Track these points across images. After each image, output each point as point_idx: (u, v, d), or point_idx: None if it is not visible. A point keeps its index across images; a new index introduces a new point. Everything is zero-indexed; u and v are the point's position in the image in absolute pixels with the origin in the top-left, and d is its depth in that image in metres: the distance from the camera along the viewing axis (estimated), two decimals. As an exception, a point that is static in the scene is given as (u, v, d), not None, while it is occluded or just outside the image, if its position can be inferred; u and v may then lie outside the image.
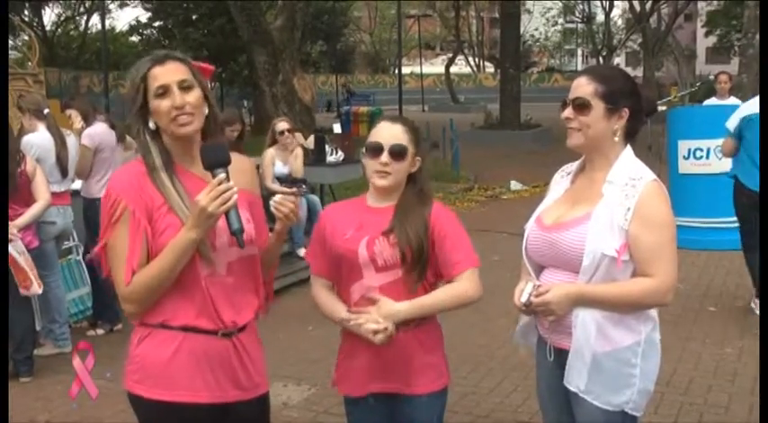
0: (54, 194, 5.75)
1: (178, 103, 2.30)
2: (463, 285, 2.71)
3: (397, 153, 2.71)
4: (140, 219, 2.28)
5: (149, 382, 2.35)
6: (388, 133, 2.73)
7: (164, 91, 2.30)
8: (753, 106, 5.91)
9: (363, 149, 2.78)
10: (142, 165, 2.35)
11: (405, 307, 2.66)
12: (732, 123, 6.04)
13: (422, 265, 2.70)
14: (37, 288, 5.24)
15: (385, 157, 2.70)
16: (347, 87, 38.84)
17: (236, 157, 2.39)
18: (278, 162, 8.18)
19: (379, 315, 2.64)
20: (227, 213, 2.24)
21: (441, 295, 2.73)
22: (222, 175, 2.22)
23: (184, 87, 2.32)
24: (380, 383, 2.75)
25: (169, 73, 2.32)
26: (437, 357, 2.82)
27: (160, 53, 2.39)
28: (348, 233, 2.71)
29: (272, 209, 2.43)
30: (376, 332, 2.62)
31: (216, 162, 2.26)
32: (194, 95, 2.33)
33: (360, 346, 2.73)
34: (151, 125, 2.35)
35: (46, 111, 5.99)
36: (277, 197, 2.44)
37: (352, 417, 2.88)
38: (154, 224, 2.29)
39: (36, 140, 5.85)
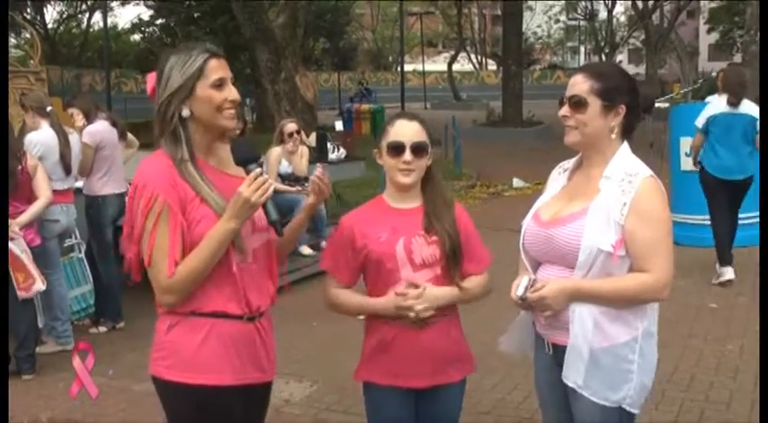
0: (57, 192, 5.77)
1: (235, 97, 2.43)
2: (486, 279, 2.89)
3: (419, 150, 2.78)
4: (177, 212, 2.34)
5: (180, 366, 2.40)
6: (409, 131, 2.80)
7: (221, 83, 2.41)
8: (716, 107, 7.24)
9: (380, 149, 2.84)
10: (165, 157, 2.40)
11: (446, 293, 2.77)
12: (700, 121, 7.29)
13: (459, 261, 2.79)
14: (41, 285, 5.24)
15: (408, 155, 2.77)
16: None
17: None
18: (283, 161, 8.18)
19: (424, 299, 2.72)
20: (264, 204, 2.38)
21: (476, 285, 2.85)
22: (258, 170, 2.37)
23: (233, 84, 2.46)
24: (419, 377, 2.80)
25: (225, 68, 2.45)
26: (463, 344, 2.91)
27: (212, 47, 2.46)
28: (383, 236, 2.78)
29: (312, 180, 2.64)
30: (422, 311, 2.71)
31: (249, 157, 2.42)
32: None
33: (395, 339, 2.78)
34: (185, 113, 2.40)
35: (49, 108, 5.99)
36: (318, 172, 2.64)
37: (377, 405, 2.90)
38: (187, 216, 2.36)
39: (40, 138, 5.85)
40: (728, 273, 7.28)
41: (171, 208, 2.33)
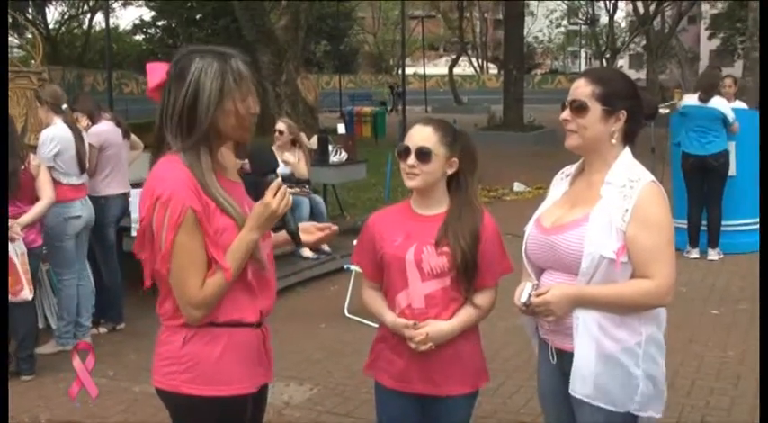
0: (74, 187, 5.81)
1: (256, 110, 2.38)
2: (495, 292, 2.89)
3: (423, 155, 2.77)
4: (207, 224, 2.29)
5: (201, 380, 2.35)
6: (417, 136, 2.81)
7: (248, 95, 2.35)
8: (690, 100, 8.63)
9: (396, 152, 2.87)
10: (181, 164, 2.30)
11: (451, 327, 2.78)
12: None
13: (471, 276, 2.78)
14: (27, 294, 5.17)
15: (411, 159, 2.78)
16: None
17: (225, 153, 2.48)
18: (280, 162, 8.17)
19: (429, 337, 2.74)
20: (284, 214, 2.37)
21: (489, 302, 2.87)
22: (279, 180, 2.34)
23: None
24: (424, 385, 2.82)
25: None
26: (476, 357, 2.91)
27: (244, 56, 2.39)
28: (397, 240, 2.80)
29: (326, 233, 2.66)
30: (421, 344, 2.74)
31: (270, 168, 2.37)
32: None
33: (403, 344, 2.80)
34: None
35: (64, 106, 5.96)
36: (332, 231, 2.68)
37: (383, 406, 2.93)
38: (212, 226, 2.31)
39: (56, 133, 5.80)
40: (693, 253, 8.46)
41: (202, 221, 2.27)
